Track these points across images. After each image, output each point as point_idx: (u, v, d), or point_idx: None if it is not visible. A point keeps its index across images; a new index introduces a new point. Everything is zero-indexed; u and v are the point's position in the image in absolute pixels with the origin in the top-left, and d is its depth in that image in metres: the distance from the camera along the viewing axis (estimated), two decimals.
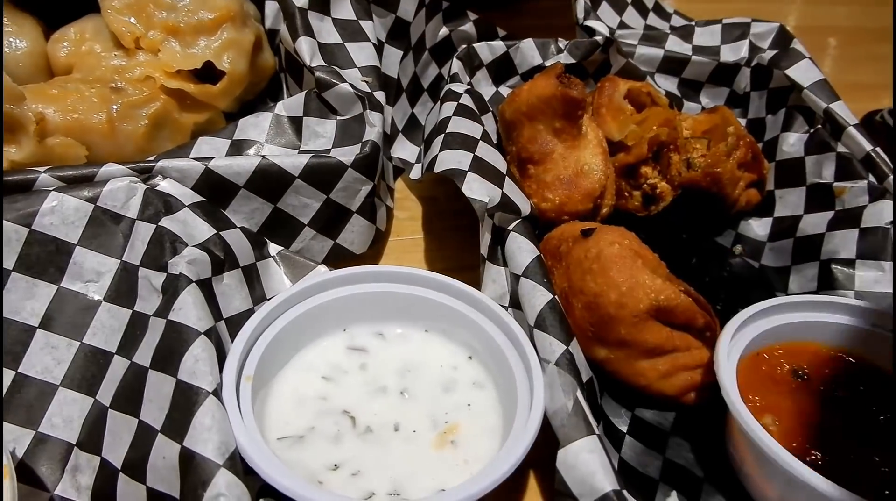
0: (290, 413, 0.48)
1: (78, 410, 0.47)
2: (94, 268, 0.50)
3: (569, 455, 0.40)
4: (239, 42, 0.70)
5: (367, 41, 0.69)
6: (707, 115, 0.76)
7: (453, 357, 0.54)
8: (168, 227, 0.50)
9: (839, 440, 0.49)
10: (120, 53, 0.68)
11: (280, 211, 0.59)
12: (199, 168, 0.55)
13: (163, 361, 0.43)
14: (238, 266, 0.53)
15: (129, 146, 0.64)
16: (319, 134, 0.63)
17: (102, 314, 0.49)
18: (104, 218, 0.51)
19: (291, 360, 0.52)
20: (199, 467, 0.37)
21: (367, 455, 0.46)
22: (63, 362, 0.48)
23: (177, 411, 0.40)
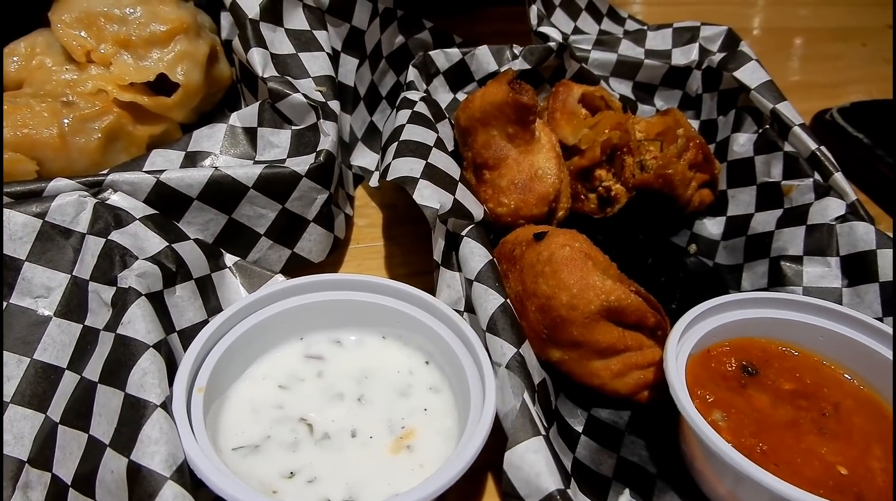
0: (246, 423, 0.48)
1: (29, 426, 0.47)
2: (43, 283, 0.50)
3: (514, 456, 0.40)
4: (192, 54, 0.70)
5: (320, 51, 0.70)
6: (659, 117, 0.77)
7: (410, 362, 0.54)
8: (118, 240, 0.50)
9: (787, 433, 0.51)
10: (71, 67, 0.68)
11: (235, 222, 0.59)
12: (151, 181, 0.55)
13: (111, 375, 0.43)
14: (191, 278, 0.53)
15: (82, 160, 0.64)
16: (274, 144, 0.63)
17: (53, 330, 0.49)
18: (53, 233, 0.51)
19: (247, 370, 0.52)
20: (145, 480, 0.37)
21: (324, 462, 0.46)
22: (13, 378, 0.48)
23: (124, 425, 0.40)
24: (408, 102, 0.68)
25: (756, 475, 0.43)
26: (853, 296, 0.62)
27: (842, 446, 0.50)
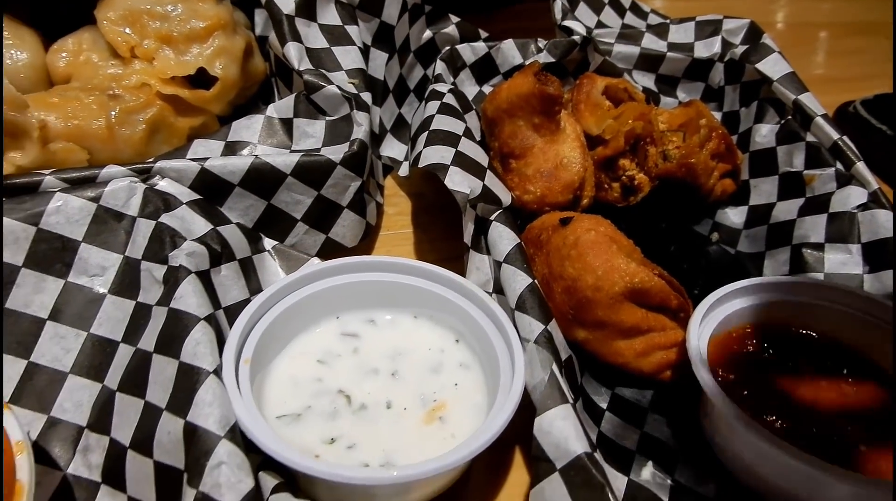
0: (288, 394, 0.51)
1: (87, 395, 0.50)
2: (98, 263, 0.53)
3: (544, 422, 0.43)
4: (230, 49, 0.73)
5: (352, 45, 0.72)
6: (682, 108, 0.79)
7: (441, 341, 0.57)
8: (167, 223, 0.53)
9: (808, 412, 0.52)
10: (116, 62, 0.72)
11: (274, 207, 0.62)
12: (196, 168, 0.58)
13: (166, 345, 0.46)
14: (235, 259, 0.56)
15: (127, 150, 0.67)
16: (309, 134, 0.66)
17: (108, 306, 0.52)
18: (107, 216, 0.54)
19: (287, 346, 0.55)
20: (201, 439, 0.40)
21: (361, 430, 0.49)
22: (72, 351, 0.51)
23: (180, 390, 0.43)
24: (436, 93, 0.71)
25: (776, 447, 0.45)
26: (874, 282, 0.64)
27: (864, 426, 0.51)
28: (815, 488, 0.46)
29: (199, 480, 0.39)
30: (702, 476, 0.51)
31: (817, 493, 0.46)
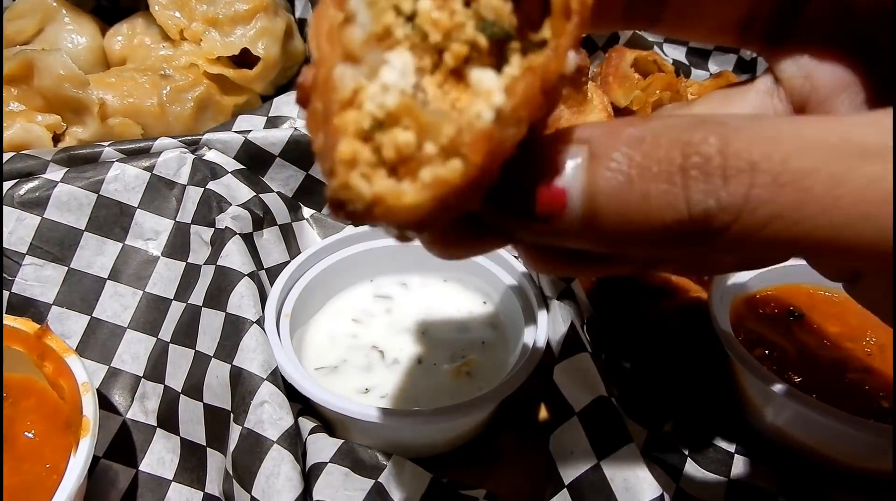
0: (325, 348, 0.55)
1: (143, 347, 0.54)
2: (152, 227, 0.58)
3: (563, 369, 0.45)
4: (271, 30, 0.77)
5: None
6: (713, 80, 0.79)
7: (469, 302, 0.60)
8: (214, 189, 0.57)
9: (831, 371, 0.53)
10: (167, 45, 0.76)
11: (312, 177, 0.65)
12: (240, 140, 0.62)
13: (214, 299, 0.50)
14: (276, 224, 0.60)
15: (177, 126, 0.72)
16: None
17: (161, 267, 0.57)
18: (160, 184, 0.58)
19: (324, 305, 0.58)
20: (246, 380, 0.44)
21: (394, 382, 0.52)
22: (129, 307, 0.56)
23: (226, 338, 0.47)
24: None
25: (797, 401, 0.46)
26: None
27: (885, 382, 0.52)
28: (837, 440, 0.47)
29: (245, 417, 0.43)
30: (723, 431, 0.52)
31: (839, 445, 0.48)
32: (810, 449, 0.49)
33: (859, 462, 0.48)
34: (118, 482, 0.49)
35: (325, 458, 0.42)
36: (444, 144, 0.19)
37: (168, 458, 0.49)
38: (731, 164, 0.18)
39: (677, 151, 0.18)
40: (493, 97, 0.19)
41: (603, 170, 0.19)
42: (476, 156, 0.19)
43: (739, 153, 0.18)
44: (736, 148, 0.18)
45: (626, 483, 0.38)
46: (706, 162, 0.18)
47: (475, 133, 0.19)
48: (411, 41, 0.20)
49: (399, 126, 0.20)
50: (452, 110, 0.20)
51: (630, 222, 0.19)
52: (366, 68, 0.20)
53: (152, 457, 0.50)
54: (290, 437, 0.42)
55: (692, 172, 0.18)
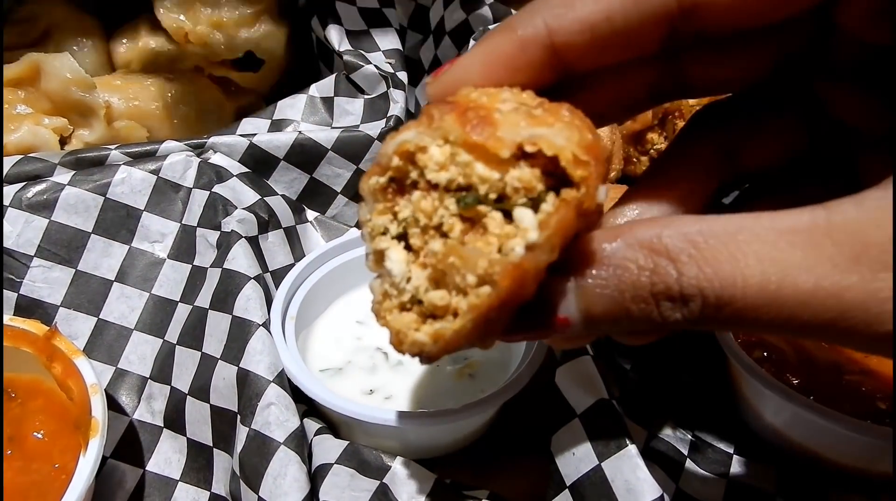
0: (330, 350, 0.55)
1: (150, 349, 0.55)
2: (158, 230, 0.58)
3: (565, 372, 0.46)
4: (275, 33, 0.78)
5: (390, 27, 0.76)
6: None
7: None
8: (220, 192, 0.58)
9: (829, 372, 0.54)
10: (172, 47, 0.77)
11: (316, 180, 0.66)
12: (245, 143, 0.62)
13: (220, 302, 0.50)
14: (280, 227, 0.61)
15: (182, 128, 0.73)
16: (349, 111, 0.70)
17: (167, 269, 0.57)
18: (166, 187, 0.59)
19: (328, 307, 0.59)
20: (253, 382, 0.45)
21: (398, 383, 0.53)
22: (136, 309, 0.56)
23: (233, 341, 0.48)
24: None
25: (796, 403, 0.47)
26: None
27: (883, 384, 0.53)
28: (835, 441, 0.48)
29: (252, 418, 0.43)
30: (722, 432, 0.53)
31: (837, 447, 0.48)
32: (808, 451, 0.50)
33: (857, 463, 0.49)
34: (125, 482, 0.50)
35: (330, 459, 0.43)
36: (479, 274, 0.25)
37: (175, 458, 0.50)
38: (686, 292, 0.24)
39: (646, 278, 0.25)
40: (529, 234, 0.24)
41: (591, 296, 0.26)
42: (505, 281, 0.24)
43: (691, 283, 0.24)
44: (688, 278, 0.24)
45: (627, 484, 0.39)
46: (668, 289, 0.24)
47: (507, 265, 0.24)
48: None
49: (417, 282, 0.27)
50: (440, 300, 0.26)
51: (619, 325, 0.26)
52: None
53: (159, 457, 0.50)
54: (296, 438, 0.42)
55: (660, 297, 0.25)
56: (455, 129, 0.25)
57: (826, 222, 0.23)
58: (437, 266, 0.26)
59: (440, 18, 0.83)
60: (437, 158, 0.26)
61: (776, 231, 0.24)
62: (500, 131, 0.25)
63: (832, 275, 0.22)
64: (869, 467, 0.49)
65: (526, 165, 0.25)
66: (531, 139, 0.24)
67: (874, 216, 0.23)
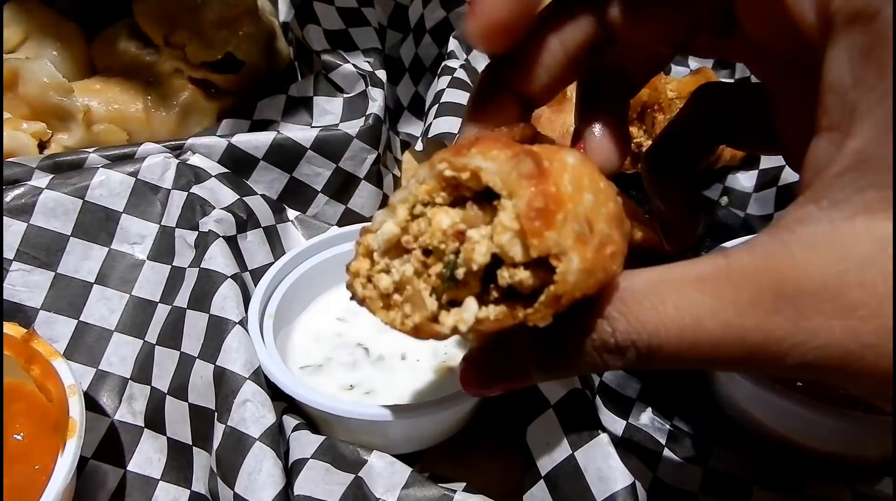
0: (310, 347, 0.56)
1: (130, 350, 0.55)
2: (138, 232, 0.59)
3: None
4: (255, 35, 0.78)
5: (368, 26, 0.76)
6: (692, 77, 0.80)
7: None
8: (198, 193, 0.58)
9: None
10: (151, 51, 0.77)
11: (296, 180, 0.66)
12: (223, 144, 0.63)
13: (198, 301, 0.51)
14: (259, 226, 0.61)
15: (163, 131, 0.73)
16: (328, 111, 0.70)
17: (147, 271, 0.58)
18: (144, 189, 0.59)
19: (309, 305, 0.59)
20: (229, 380, 0.45)
21: (379, 378, 0.53)
22: (116, 311, 0.56)
23: (210, 339, 0.48)
24: (448, 69, 0.74)
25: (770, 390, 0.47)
26: None
27: None
28: (812, 429, 0.48)
29: (228, 416, 0.44)
30: (700, 421, 0.53)
31: (814, 434, 0.49)
32: (786, 438, 0.50)
33: (834, 449, 0.49)
34: (107, 482, 0.50)
35: (306, 454, 0.43)
36: (410, 313, 0.30)
37: (156, 458, 0.50)
38: (621, 345, 0.27)
39: (597, 337, 0.28)
40: (459, 325, 0.28)
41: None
42: (425, 337, 0.30)
43: (623, 337, 0.27)
44: (620, 332, 0.27)
45: (599, 472, 0.40)
46: (606, 344, 0.27)
47: (430, 329, 0.29)
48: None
49: (388, 277, 0.32)
50: (434, 305, 0.29)
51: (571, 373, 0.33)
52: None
53: (140, 457, 0.51)
54: (272, 434, 0.43)
55: (601, 351, 0.28)
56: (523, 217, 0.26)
57: (726, 270, 0.25)
58: (400, 280, 0.31)
59: (420, 17, 0.84)
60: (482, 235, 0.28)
61: (687, 280, 0.26)
62: (550, 233, 0.26)
63: (735, 319, 0.25)
64: (846, 452, 0.49)
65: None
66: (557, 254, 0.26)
67: (764, 263, 0.25)
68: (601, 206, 0.28)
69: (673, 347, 0.26)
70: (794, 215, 0.25)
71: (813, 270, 0.24)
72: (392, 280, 0.31)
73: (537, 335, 0.29)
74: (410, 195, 0.30)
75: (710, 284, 0.25)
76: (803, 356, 0.24)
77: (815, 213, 0.25)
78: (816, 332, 0.23)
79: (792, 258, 0.24)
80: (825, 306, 0.23)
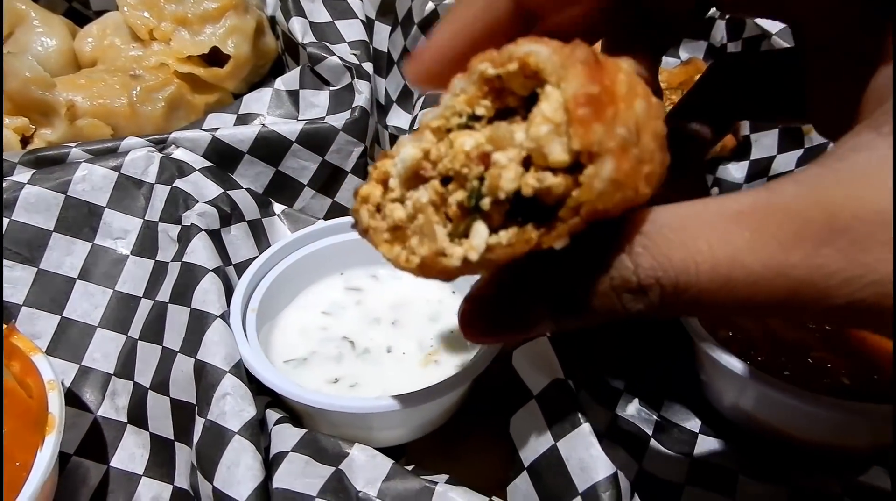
0: (295, 341, 0.55)
1: (114, 346, 0.55)
2: (121, 227, 0.58)
3: (521, 354, 0.45)
4: (241, 28, 0.78)
5: (355, 18, 0.76)
6: (682, 67, 0.80)
7: (439, 292, 0.60)
8: (181, 187, 0.58)
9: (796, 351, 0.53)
10: (137, 45, 0.77)
11: (282, 173, 0.66)
12: (207, 138, 0.62)
13: (179, 296, 0.50)
14: (244, 220, 0.60)
15: (149, 126, 0.72)
16: (314, 104, 0.70)
17: (130, 266, 0.57)
18: (128, 183, 0.59)
19: (294, 299, 0.59)
20: (209, 374, 0.45)
21: (364, 371, 0.53)
22: (100, 306, 0.56)
23: (191, 333, 0.48)
24: None
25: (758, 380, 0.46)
26: None
27: (847, 360, 0.53)
28: (800, 419, 0.48)
29: (208, 409, 0.43)
30: (687, 412, 0.53)
31: (800, 424, 0.48)
32: (774, 429, 0.50)
33: (823, 440, 0.49)
34: (89, 478, 0.50)
35: (286, 447, 0.43)
36: (417, 246, 0.28)
37: (139, 453, 0.50)
38: (644, 283, 0.25)
39: (617, 275, 0.25)
40: (470, 254, 0.25)
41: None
42: (429, 274, 0.28)
43: (648, 274, 0.25)
44: (644, 269, 0.25)
45: (581, 463, 0.39)
46: (627, 282, 0.25)
47: (437, 263, 0.27)
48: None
49: (402, 207, 0.28)
50: (446, 234, 0.27)
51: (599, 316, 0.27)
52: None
53: (123, 453, 0.50)
54: (251, 428, 0.42)
55: (620, 290, 0.25)
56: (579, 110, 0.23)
57: (768, 203, 0.23)
58: (413, 209, 0.28)
59: (408, 9, 0.83)
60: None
61: (723, 216, 0.24)
62: (597, 125, 0.23)
63: (778, 255, 0.23)
64: (835, 442, 0.49)
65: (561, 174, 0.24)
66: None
67: (813, 192, 0.23)
68: (652, 119, 0.25)
69: (703, 286, 0.24)
70: (849, 143, 0.23)
71: (871, 197, 0.21)
72: (406, 212, 0.28)
73: (551, 275, 0.26)
74: (446, 109, 0.27)
75: (750, 217, 0.23)
76: (854, 294, 0.22)
77: (874, 139, 0.23)
78: (874, 265, 0.21)
79: (846, 187, 0.22)
80: (885, 236, 0.21)
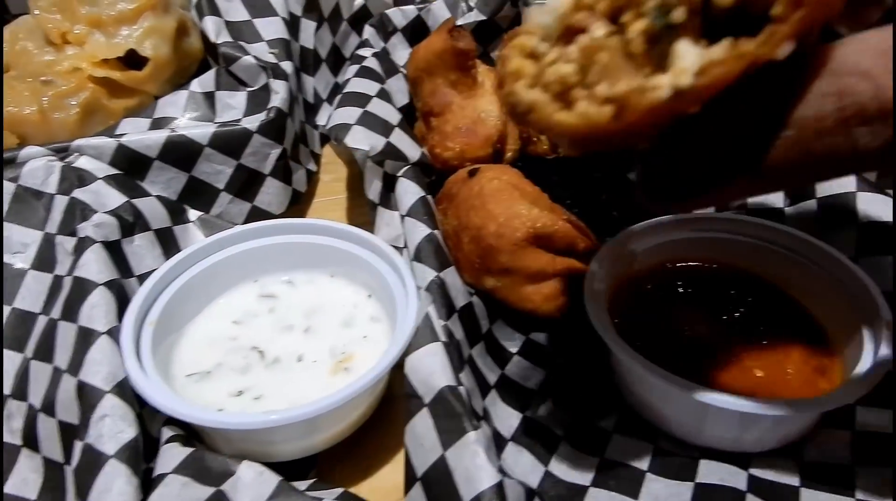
0: (201, 353, 0.53)
1: (11, 365, 0.53)
2: (20, 240, 0.56)
3: (413, 360, 0.44)
4: (160, 29, 0.75)
5: (275, 16, 0.73)
6: None
7: (354, 297, 0.59)
8: (80, 197, 0.55)
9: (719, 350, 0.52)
10: (50, 49, 0.74)
11: (195, 179, 0.64)
12: (113, 144, 0.60)
13: (69, 311, 0.48)
14: (150, 229, 0.58)
15: (62, 134, 0.70)
16: (231, 106, 0.68)
17: (29, 281, 0.55)
18: (26, 195, 0.57)
19: (204, 309, 0.57)
20: (88, 394, 0.43)
21: (271, 382, 0.51)
22: None
23: (77, 352, 0.46)
24: (358, 58, 0.72)
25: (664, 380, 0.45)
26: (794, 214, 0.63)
27: (761, 352, 0.52)
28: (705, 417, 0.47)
29: (86, 432, 0.41)
30: (602, 411, 0.51)
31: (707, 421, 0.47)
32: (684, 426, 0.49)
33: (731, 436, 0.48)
34: None
35: (167, 469, 0.41)
36: (609, 94, 0.23)
37: (31, 478, 0.48)
38: (887, 108, 0.21)
39: (830, 106, 0.22)
40: (681, 79, 0.22)
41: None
42: (632, 117, 0.23)
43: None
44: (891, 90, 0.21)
45: (466, 472, 0.38)
46: (863, 111, 0.22)
47: (641, 102, 0.22)
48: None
49: (565, 62, 0.24)
50: (638, 68, 0.23)
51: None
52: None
53: (17, 478, 0.48)
54: (128, 450, 0.40)
55: (851, 123, 0.22)
56: None
57: None
58: (584, 56, 0.24)
59: (335, 5, 0.81)
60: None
61: None
62: None
63: None
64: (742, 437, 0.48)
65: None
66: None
67: None
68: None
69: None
70: None
71: None
72: (574, 66, 0.25)
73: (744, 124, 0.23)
74: None
75: None
76: None
77: None
78: None
79: None
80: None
